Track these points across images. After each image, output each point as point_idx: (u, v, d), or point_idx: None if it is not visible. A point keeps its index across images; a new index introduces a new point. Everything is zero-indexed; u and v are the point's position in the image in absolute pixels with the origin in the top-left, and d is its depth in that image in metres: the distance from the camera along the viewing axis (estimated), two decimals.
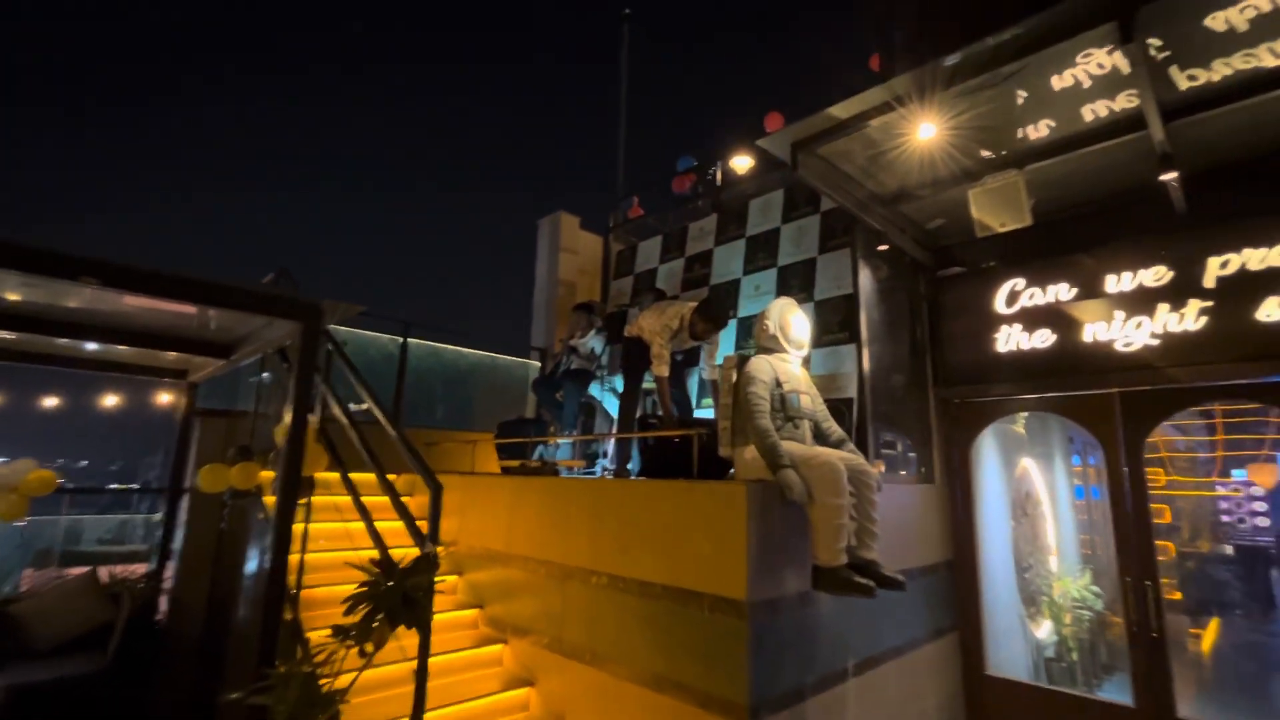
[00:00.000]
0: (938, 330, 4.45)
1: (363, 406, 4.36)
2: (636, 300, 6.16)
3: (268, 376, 4.77)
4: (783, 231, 5.18)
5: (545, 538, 3.70)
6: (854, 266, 4.08)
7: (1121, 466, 3.70)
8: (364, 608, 2.15)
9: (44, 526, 7.93)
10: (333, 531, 3.96)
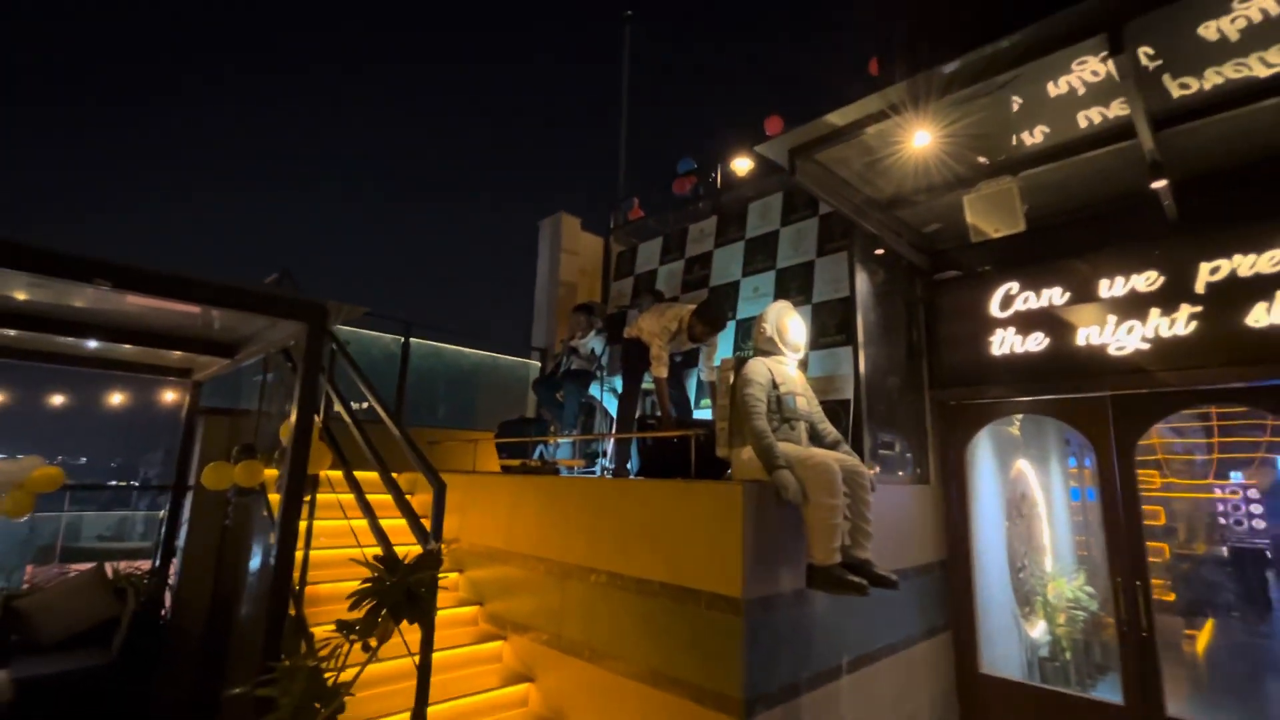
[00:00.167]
0: (934, 333, 4.50)
1: (363, 405, 4.42)
2: (635, 302, 6.21)
3: (271, 376, 4.82)
4: (781, 234, 5.23)
5: (545, 536, 3.75)
6: (851, 270, 4.14)
7: (1113, 468, 3.75)
8: (369, 603, 2.21)
9: (43, 523, 7.98)
10: (335, 529, 4.01)
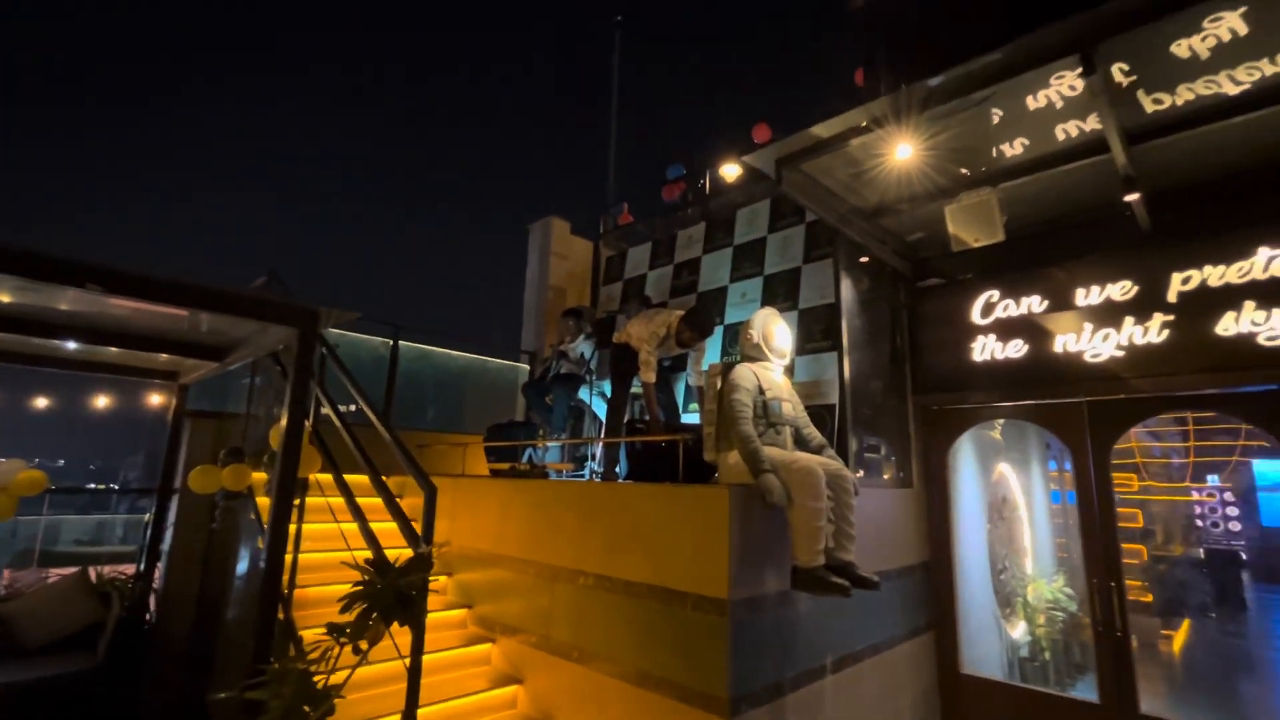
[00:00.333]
0: (917, 339, 4.59)
1: (351, 408, 4.43)
2: (624, 308, 6.26)
3: (259, 379, 4.82)
4: (769, 241, 5.31)
5: (534, 539, 3.78)
6: (836, 277, 4.21)
7: (1090, 472, 3.85)
8: (360, 605, 2.23)
9: (20, 526, 7.87)
10: (323, 532, 4.01)
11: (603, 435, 5.12)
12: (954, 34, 2.90)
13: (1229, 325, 3.32)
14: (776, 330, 3.41)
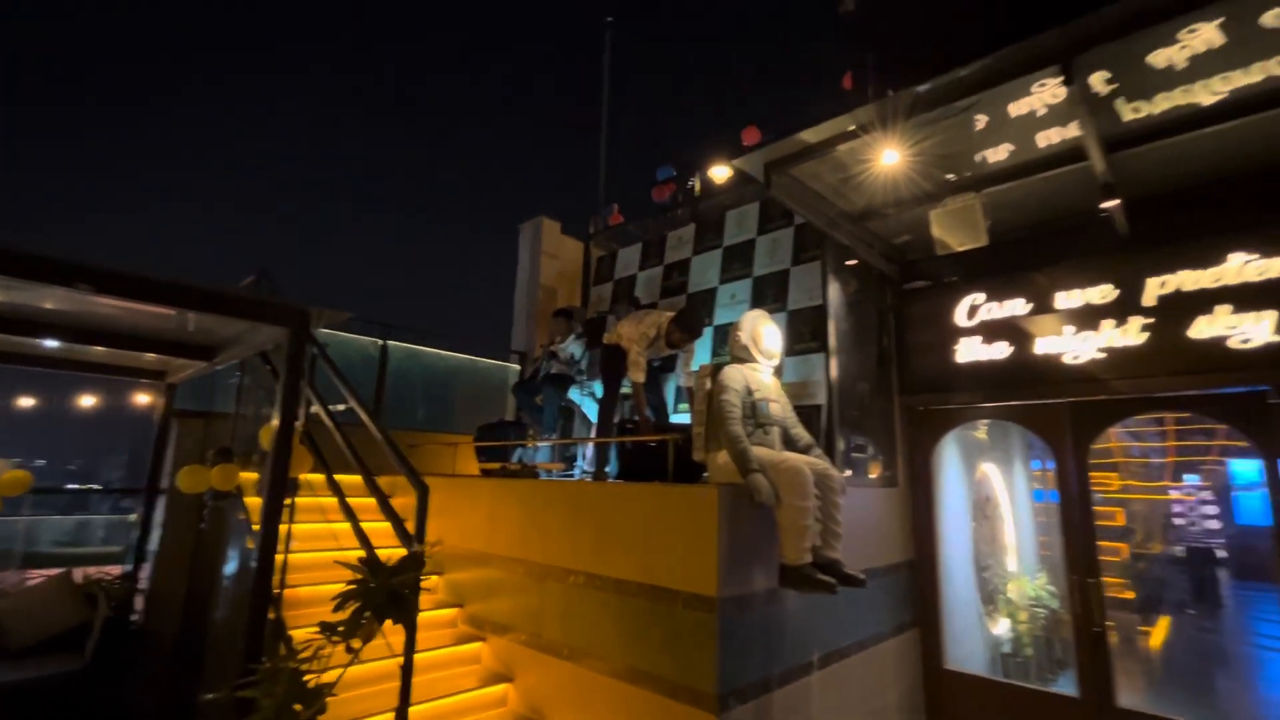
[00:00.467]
0: (903, 341, 4.66)
1: (340, 407, 4.42)
2: (613, 309, 6.29)
3: (247, 378, 4.80)
4: (758, 243, 5.36)
5: (525, 538, 3.81)
6: (824, 279, 4.27)
7: (1070, 471, 3.94)
8: (353, 604, 2.25)
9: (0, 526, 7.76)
10: (313, 532, 4.01)
11: (593, 435, 5.16)
12: (940, 42, 2.97)
13: (1203, 329, 3.42)
14: (765, 332, 3.46)
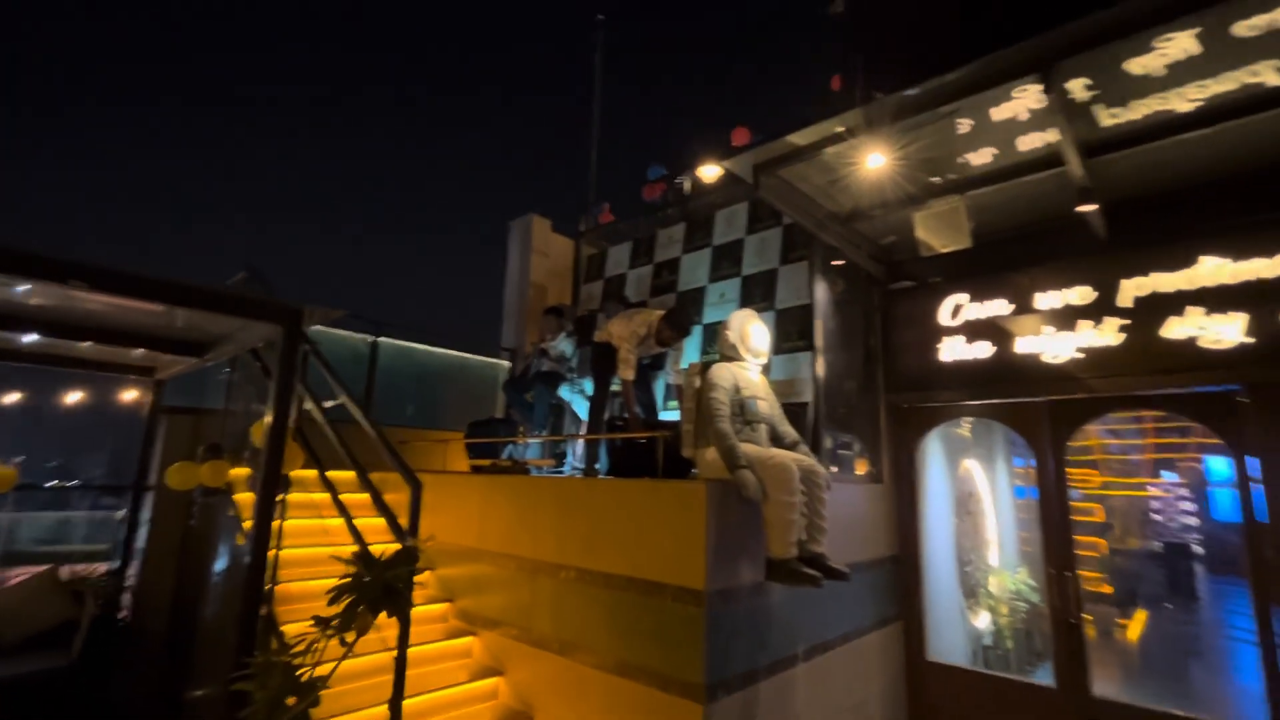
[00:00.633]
0: (888, 340, 4.75)
1: (329, 404, 4.43)
2: (603, 307, 6.34)
3: (236, 375, 4.79)
4: (747, 243, 5.43)
5: (515, 534, 3.85)
6: (811, 279, 4.34)
7: (1048, 467, 4.04)
8: (348, 597, 2.28)
9: None
10: (303, 528, 4.03)
11: (584, 432, 5.20)
12: (924, 49, 3.03)
13: (1176, 329, 3.52)
14: (753, 331, 3.52)
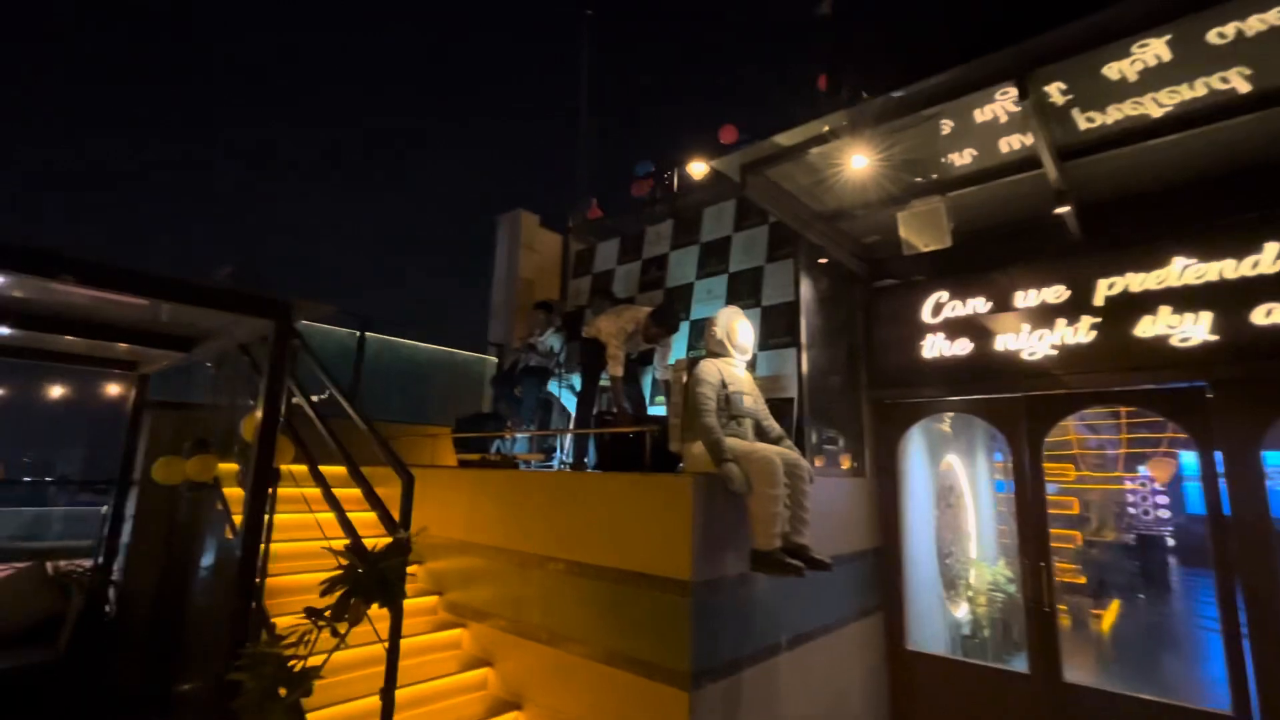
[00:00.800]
0: (871, 336, 4.84)
1: (316, 399, 4.44)
2: (591, 303, 6.38)
3: (223, 369, 4.77)
4: (734, 240, 5.49)
5: (505, 527, 3.89)
6: (796, 277, 4.42)
7: (1025, 461, 4.16)
8: (341, 588, 2.32)
9: None
10: (292, 522, 4.04)
11: (572, 427, 5.25)
12: (905, 55, 3.11)
13: (1147, 328, 3.65)
14: (740, 327, 3.59)
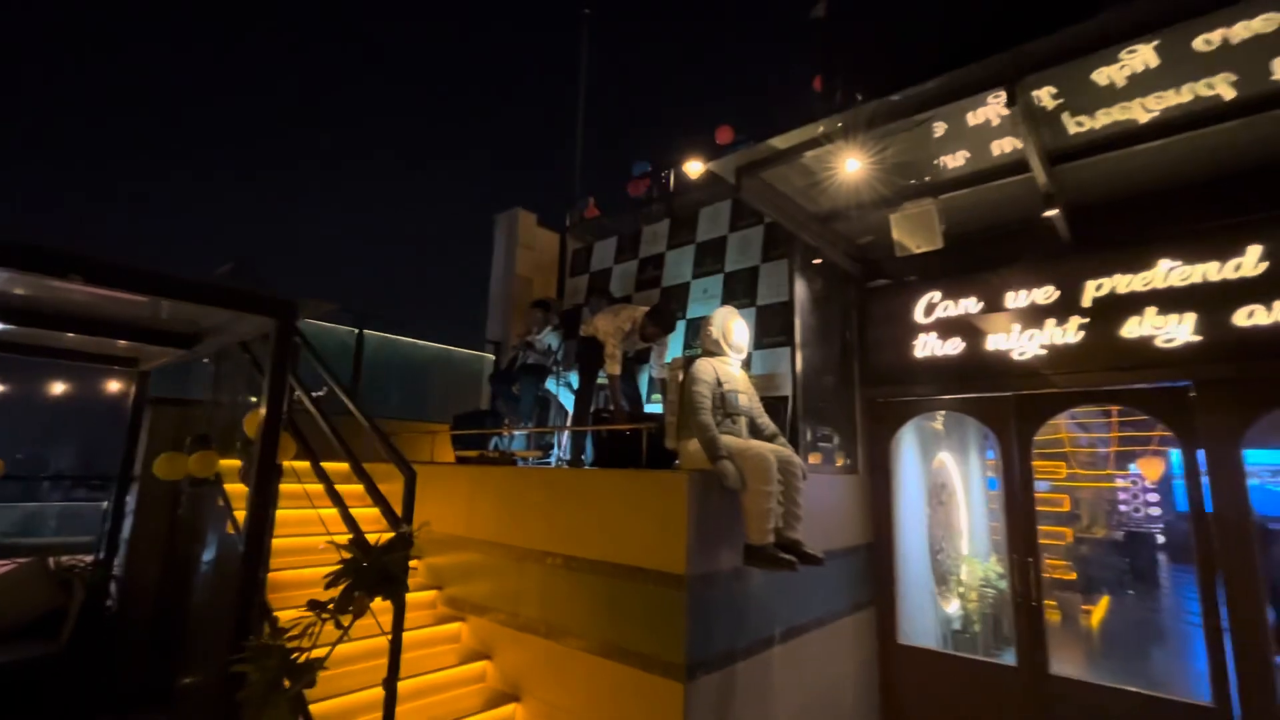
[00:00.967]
0: (865, 336, 4.91)
1: (314, 395, 4.48)
2: (588, 302, 6.44)
3: (225, 366, 4.80)
4: (729, 240, 5.56)
5: (503, 523, 3.95)
6: (791, 277, 4.48)
7: (1014, 459, 4.24)
8: (345, 581, 2.37)
9: None
10: (292, 518, 4.09)
11: (570, 424, 5.31)
12: (897, 60, 3.17)
13: (1133, 328, 3.73)
14: (735, 327, 3.65)
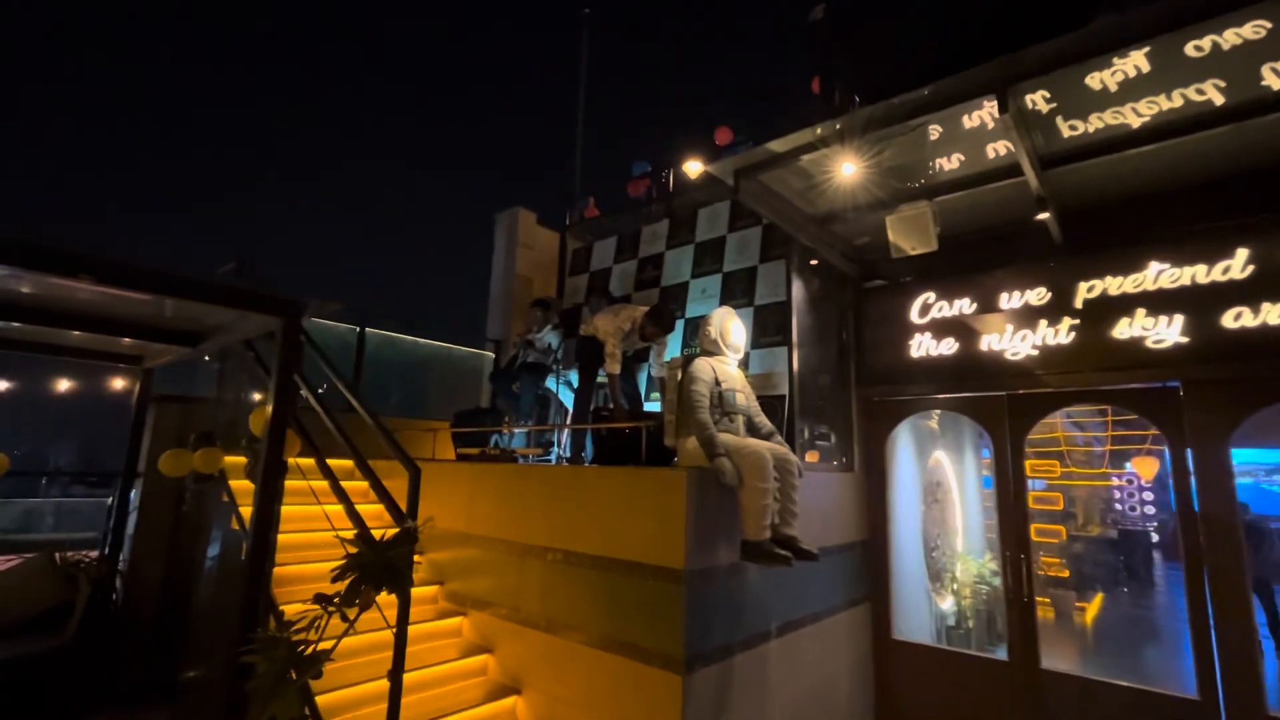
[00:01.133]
0: (861, 336, 4.98)
1: (318, 391, 4.53)
2: (588, 301, 6.50)
3: (229, 364, 4.85)
4: (728, 240, 5.61)
5: (504, 519, 4.01)
6: (788, 277, 4.54)
7: (1007, 458, 4.31)
8: (351, 575, 2.43)
9: None
10: (296, 514, 4.14)
11: (570, 422, 5.37)
12: (892, 65, 3.22)
13: (1123, 329, 3.79)
14: (732, 327, 3.72)
